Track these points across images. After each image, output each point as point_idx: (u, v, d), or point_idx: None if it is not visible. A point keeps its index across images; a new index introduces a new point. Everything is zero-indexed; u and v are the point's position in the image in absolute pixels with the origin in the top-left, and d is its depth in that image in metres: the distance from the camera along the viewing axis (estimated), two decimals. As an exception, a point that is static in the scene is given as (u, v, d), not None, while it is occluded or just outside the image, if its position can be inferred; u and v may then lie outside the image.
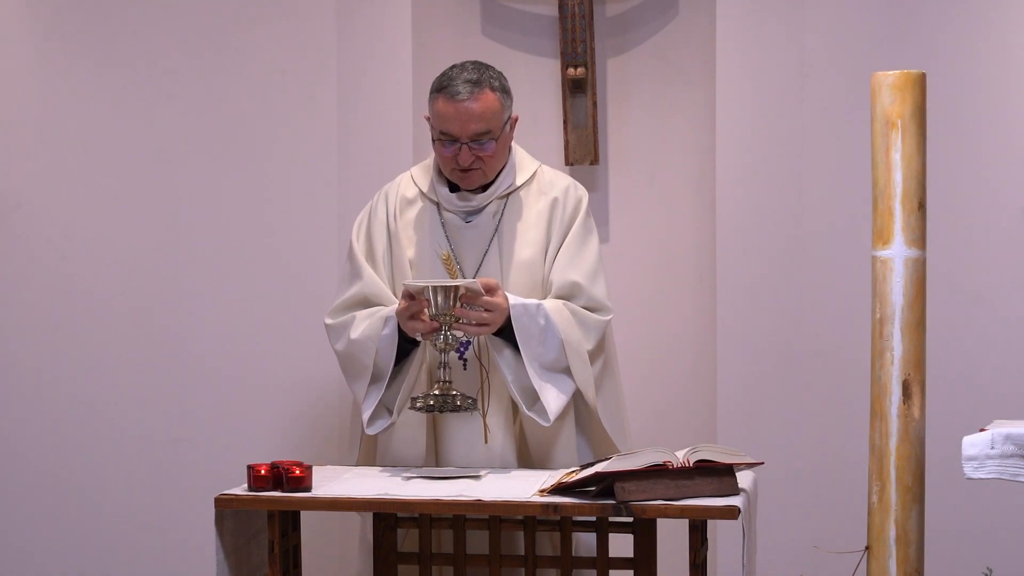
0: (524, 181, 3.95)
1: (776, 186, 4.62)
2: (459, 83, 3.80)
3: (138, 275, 4.80)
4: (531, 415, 3.75)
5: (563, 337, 3.76)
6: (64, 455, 4.81)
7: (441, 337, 3.64)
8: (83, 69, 4.79)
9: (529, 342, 3.72)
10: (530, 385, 3.73)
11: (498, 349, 3.75)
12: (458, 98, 3.78)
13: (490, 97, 3.81)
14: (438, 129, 3.83)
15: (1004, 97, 4.50)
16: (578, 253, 3.89)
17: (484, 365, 3.83)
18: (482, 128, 3.80)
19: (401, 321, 3.70)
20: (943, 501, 3.86)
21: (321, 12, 4.75)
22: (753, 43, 4.62)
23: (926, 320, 3.11)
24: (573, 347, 3.77)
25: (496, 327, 3.70)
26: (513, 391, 3.76)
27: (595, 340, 3.84)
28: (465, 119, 3.78)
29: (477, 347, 3.85)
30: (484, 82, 3.82)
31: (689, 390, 4.78)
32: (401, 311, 3.70)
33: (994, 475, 2.99)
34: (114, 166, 4.81)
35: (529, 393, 3.75)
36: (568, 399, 3.79)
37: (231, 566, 3.55)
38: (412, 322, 3.69)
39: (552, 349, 3.75)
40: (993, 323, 4.51)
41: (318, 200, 4.74)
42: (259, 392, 4.79)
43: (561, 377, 3.77)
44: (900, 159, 3.08)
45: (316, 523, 4.34)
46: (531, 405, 3.75)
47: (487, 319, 3.67)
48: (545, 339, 3.74)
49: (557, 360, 3.76)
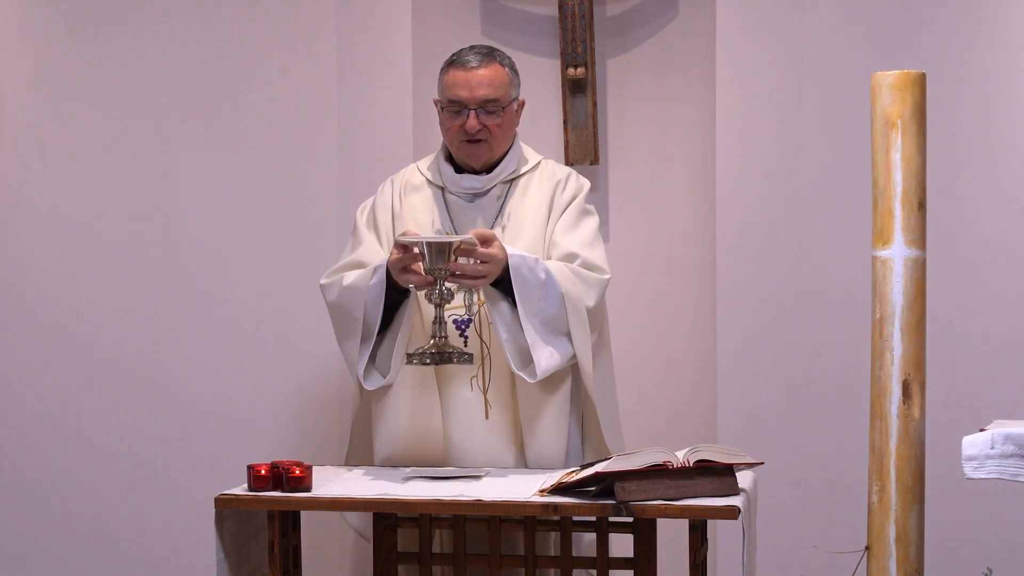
0: (528, 169, 3.99)
1: (776, 186, 4.62)
2: (469, 54, 3.91)
3: (138, 275, 4.80)
4: (520, 374, 3.71)
5: (564, 291, 3.72)
6: (64, 455, 4.81)
7: (436, 291, 3.59)
8: (83, 69, 4.79)
9: (529, 296, 3.68)
10: (526, 346, 3.68)
11: (494, 303, 3.70)
12: (468, 65, 3.88)
13: (500, 69, 3.91)
14: (447, 98, 3.89)
15: (1004, 97, 4.50)
16: (575, 226, 3.91)
17: (485, 342, 3.83)
18: (490, 94, 3.86)
19: (394, 272, 3.67)
20: (943, 501, 3.87)
21: (321, 12, 4.75)
22: (753, 43, 4.62)
23: (926, 320, 3.11)
24: (573, 302, 3.74)
25: (493, 278, 3.66)
26: (507, 350, 3.71)
27: (596, 297, 3.82)
28: (475, 84, 3.86)
29: (478, 324, 3.85)
30: (494, 55, 3.93)
31: (689, 390, 4.78)
32: (393, 261, 3.66)
33: (994, 475, 2.99)
34: (114, 166, 4.81)
35: (524, 354, 3.71)
36: (561, 362, 3.74)
37: (231, 566, 3.55)
38: (405, 275, 3.66)
39: (552, 304, 3.71)
40: (993, 323, 4.51)
41: (318, 200, 4.74)
42: (259, 392, 4.79)
43: (559, 339, 3.73)
44: (900, 159, 3.08)
45: (316, 523, 4.34)
46: (523, 366, 3.72)
47: (483, 271, 3.63)
48: (546, 293, 3.70)
49: (557, 317, 3.72)
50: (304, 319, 4.71)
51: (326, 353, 4.65)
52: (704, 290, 4.74)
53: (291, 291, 4.76)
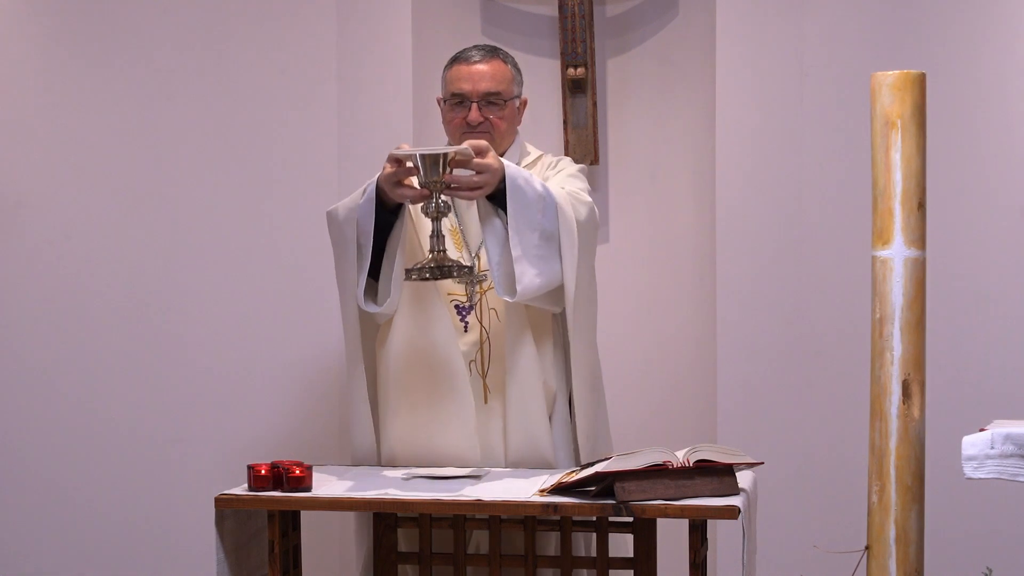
0: (529, 163, 4.00)
1: (776, 186, 4.62)
2: (472, 50, 3.94)
3: (137, 275, 4.80)
4: (503, 296, 3.66)
5: (558, 201, 3.68)
6: (63, 455, 4.81)
7: (432, 205, 3.53)
8: (83, 69, 4.80)
9: (523, 207, 3.62)
10: (512, 270, 3.62)
11: (489, 218, 3.65)
12: (471, 60, 3.91)
13: (502, 65, 3.93)
14: (449, 92, 3.91)
15: (1004, 97, 4.50)
16: (559, 172, 3.92)
17: (486, 329, 3.83)
18: (493, 87, 3.89)
19: (387, 187, 3.61)
20: (943, 501, 3.87)
21: (321, 11, 4.75)
22: (753, 43, 4.62)
23: (926, 320, 3.11)
24: (566, 215, 3.69)
25: (490, 189, 3.60)
26: (495, 273, 3.65)
27: (585, 214, 3.76)
28: (477, 78, 3.88)
29: (479, 312, 3.85)
30: (497, 52, 3.96)
31: (689, 390, 4.78)
32: (387, 175, 3.60)
33: (994, 475, 2.99)
34: (114, 166, 4.81)
35: (512, 280, 3.64)
36: (542, 285, 3.66)
37: (231, 566, 3.55)
38: (400, 188, 3.59)
39: (550, 218, 3.66)
40: (993, 323, 4.51)
41: (318, 200, 4.73)
42: (259, 392, 4.79)
43: (548, 262, 3.67)
44: (900, 159, 3.08)
45: (316, 523, 4.34)
46: (508, 289, 3.65)
47: (479, 182, 3.57)
48: (545, 207, 3.66)
49: (551, 233, 3.67)
50: (305, 319, 4.71)
51: (327, 353, 4.65)
52: (704, 290, 4.74)
53: (291, 291, 4.76)
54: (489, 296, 3.86)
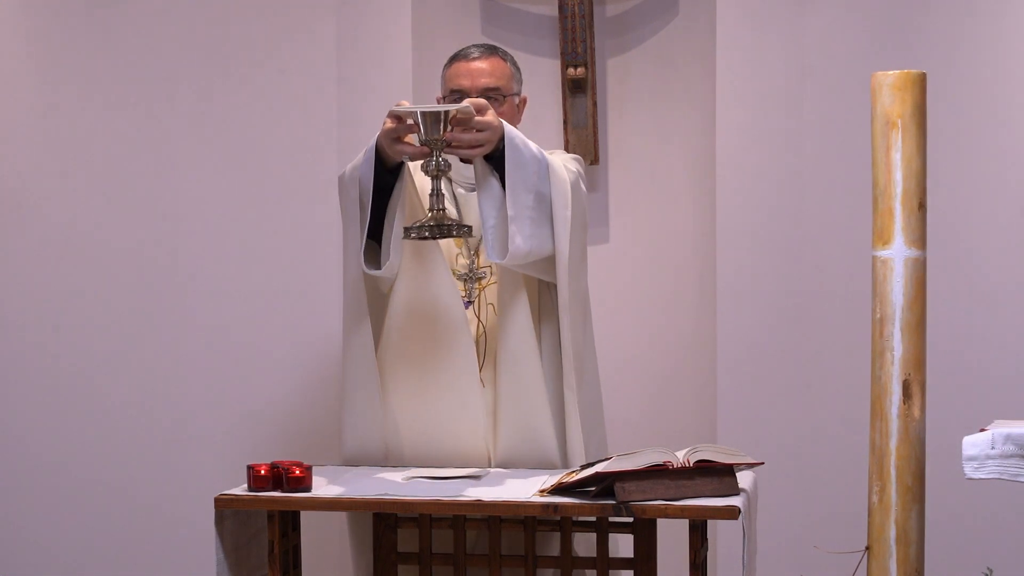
0: None
1: (776, 186, 4.62)
2: (472, 48, 3.96)
3: (137, 275, 4.80)
4: (493, 258, 3.66)
5: (551, 161, 3.69)
6: (63, 455, 4.81)
7: (432, 163, 3.52)
8: (83, 69, 4.80)
9: (520, 167, 3.61)
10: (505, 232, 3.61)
11: (486, 179, 3.64)
12: (471, 57, 3.92)
13: (501, 62, 3.95)
14: (449, 89, 3.91)
15: (1004, 97, 4.50)
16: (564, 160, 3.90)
17: (483, 323, 3.84)
18: (492, 83, 3.89)
19: (387, 144, 3.59)
20: (943, 501, 3.86)
21: (321, 11, 4.75)
22: (753, 43, 4.62)
23: (926, 320, 3.11)
24: (559, 175, 3.69)
25: (491, 147, 3.60)
26: (488, 236, 3.64)
27: (573, 180, 3.76)
28: (476, 74, 3.89)
29: (477, 308, 3.85)
30: (496, 50, 3.97)
31: (689, 390, 4.78)
32: (387, 131, 3.58)
33: (994, 475, 2.99)
34: (114, 166, 4.81)
35: (503, 240, 3.64)
36: (532, 249, 3.65)
37: (231, 566, 3.55)
38: (399, 145, 3.58)
39: (544, 180, 3.66)
40: (993, 323, 4.51)
41: (318, 200, 4.74)
42: (259, 391, 4.79)
43: (540, 229, 3.67)
44: (900, 159, 3.08)
45: (316, 523, 4.34)
46: (501, 253, 3.64)
47: (480, 139, 3.57)
48: (540, 169, 3.66)
49: (543, 195, 3.67)
50: (305, 319, 4.71)
51: (327, 353, 4.65)
52: (704, 290, 4.74)
53: (291, 291, 4.76)
54: (487, 292, 3.87)
